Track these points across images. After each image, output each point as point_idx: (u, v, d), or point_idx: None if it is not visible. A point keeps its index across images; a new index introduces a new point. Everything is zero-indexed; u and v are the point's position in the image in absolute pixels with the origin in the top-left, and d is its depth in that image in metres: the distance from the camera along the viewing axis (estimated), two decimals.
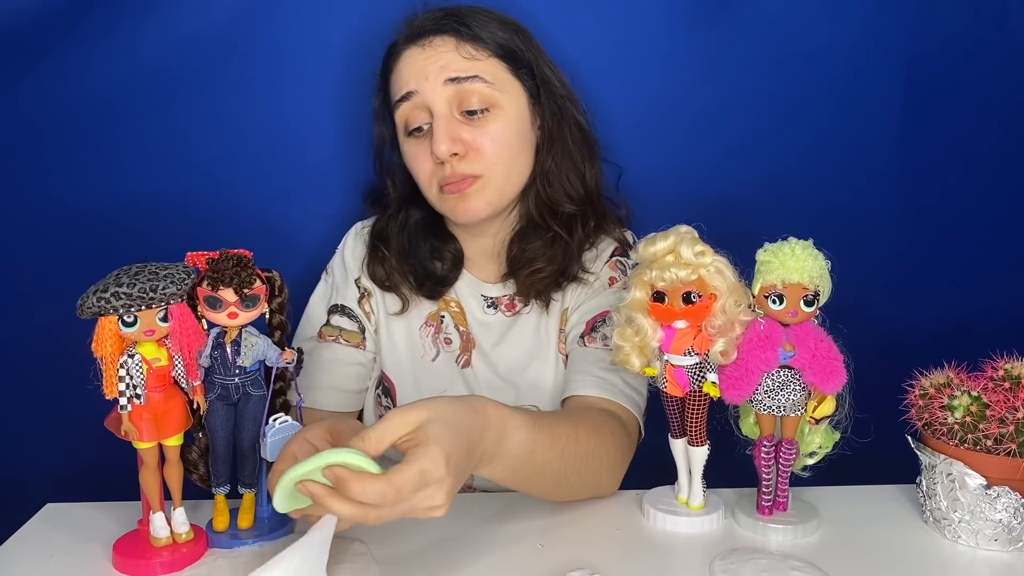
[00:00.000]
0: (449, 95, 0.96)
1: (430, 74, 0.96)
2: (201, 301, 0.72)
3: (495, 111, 0.97)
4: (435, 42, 0.97)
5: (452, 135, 0.95)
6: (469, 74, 0.95)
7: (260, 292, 0.74)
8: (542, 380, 1.03)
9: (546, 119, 1.02)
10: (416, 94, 0.97)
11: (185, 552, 0.74)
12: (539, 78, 1.00)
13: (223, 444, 0.77)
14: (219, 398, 0.76)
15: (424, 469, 0.63)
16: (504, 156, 0.98)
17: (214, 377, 0.75)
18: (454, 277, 1.07)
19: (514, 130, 0.99)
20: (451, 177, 0.97)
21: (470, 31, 0.97)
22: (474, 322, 1.06)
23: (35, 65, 1.12)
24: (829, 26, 1.18)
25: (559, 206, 1.02)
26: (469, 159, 0.97)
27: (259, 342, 0.75)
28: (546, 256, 1.02)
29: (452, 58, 0.96)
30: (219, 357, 0.74)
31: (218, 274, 0.72)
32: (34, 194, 1.15)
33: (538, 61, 1.01)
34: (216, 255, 0.74)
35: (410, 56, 0.98)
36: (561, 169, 1.02)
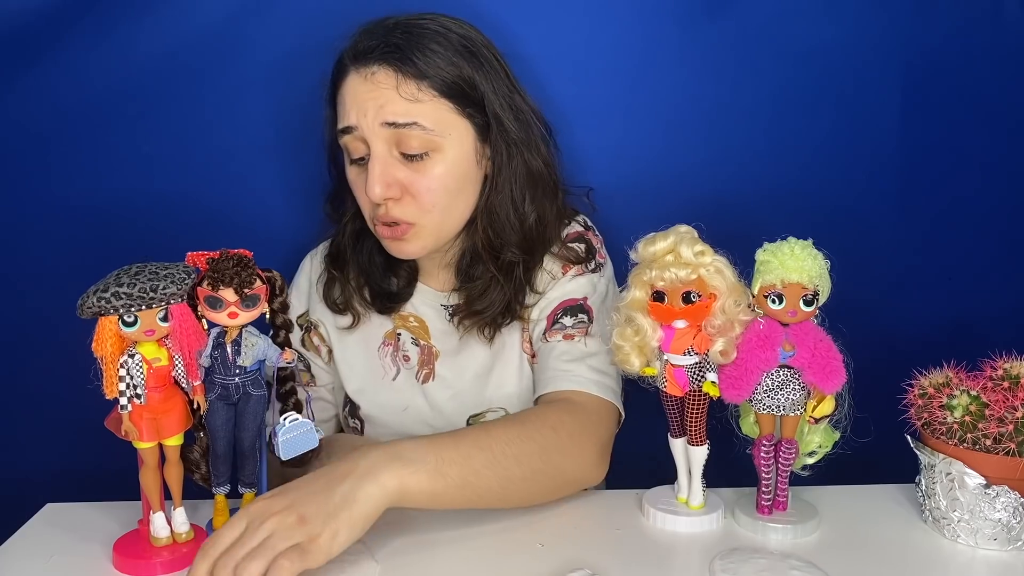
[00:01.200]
0: (387, 136, 0.92)
1: (368, 111, 0.91)
2: (201, 301, 0.72)
3: (435, 155, 0.93)
4: (377, 76, 0.91)
5: (387, 178, 0.92)
6: (408, 120, 0.90)
7: (260, 292, 0.74)
8: (506, 382, 1.02)
9: (494, 157, 0.97)
10: (356, 129, 0.93)
11: (185, 552, 0.74)
12: (489, 115, 0.95)
13: (223, 444, 0.77)
14: (219, 398, 0.75)
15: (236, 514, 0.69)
16: (440, 202, 0.94)
17: (214, 377, 0.75)
18: (408, 293, 1.06)
19: (454, 174, 0.94)
20: (385, 218, 0.94)
21: (414, 67, 0.91)
22: (437, 333, 1.05)
23: (34, 65, 1.12)
24: (828, 26, 1.18)
25: (499, 251, 0.98)
26: (404, 203, 0.94)
27: (259, 342, 0.75)
28: (483, 298, 0.99)
29: (391, 98, 0.90)
30: (219, 357, 0.74)
31: (218, 274, 0.72)
32: (34, 194, 1.15)
33: (490, 96, 0.95)
34: (216, 255, 0.73)
35: (352, 85, 0.93)
36: (503, 211, 0.98)
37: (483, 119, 0.96)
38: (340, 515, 0.68)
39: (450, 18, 0.96)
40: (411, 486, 0.73)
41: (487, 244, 0.99)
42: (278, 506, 0.68)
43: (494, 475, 0.78)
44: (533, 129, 0.99)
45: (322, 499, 0.69)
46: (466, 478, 0.76)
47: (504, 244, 0.99)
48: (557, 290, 1.00)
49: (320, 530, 0.67)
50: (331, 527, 0.67)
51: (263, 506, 0.69)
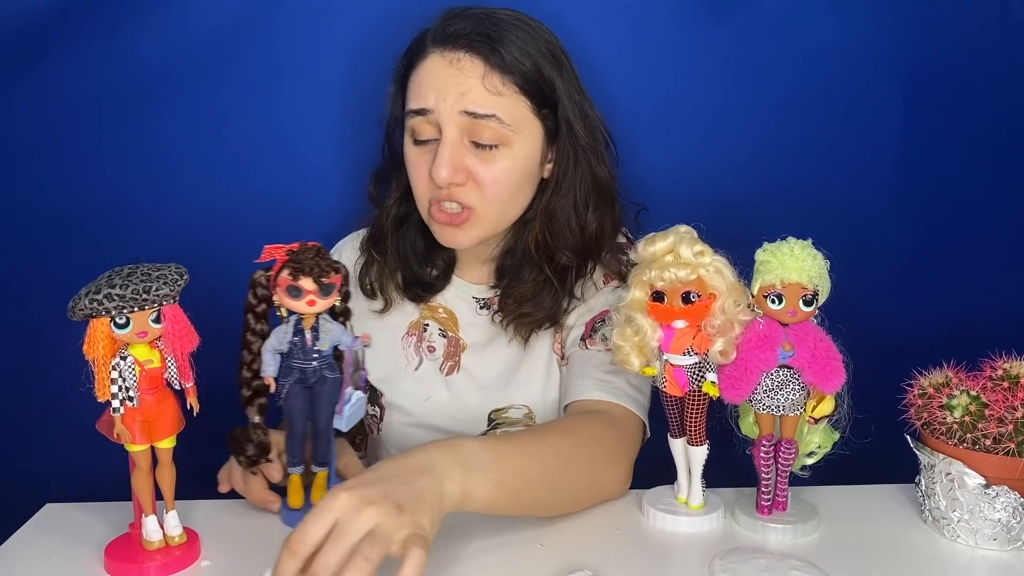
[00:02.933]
0: (462, 124, 0.92)
1: (449, 97, 0.92)
2: (282, 290, 0.75)
3: (505, 149, 0.94)
4: (463, 61, 0.92)
5: (456, 163, 0.93)
6: (487, 112, 0.92)
7: (336, 281, 0.76)
8: (532, 381, 1.03)
9: (560, 161, 0.99)
10: (431, 112, 0.93)
11: (178, 556, 0.74)
12: (561, 120, 0.97)
13: (301, 426, 0.80)
14: (297, 382, 0.79)
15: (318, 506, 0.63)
16: (502, 195, 0.96)
17: (292, 362, 0.78)
18: (442, 285, 1.06)
19: (520, 169, 0.96)
20: (444, 199, 0.95)
21: (501, 60, 0.92)
22: (466, 325, 1.05)
23: (35, 66, 1.12)
24: (830, 26, 1.18)
25: (556, 253, 0.99)
26: (467, 189, 0.94)
27: (334, 327, 0.79)
28: (534, 301, 1.00)
29: (474, 87, 0.92)
30: (299, 343, 0.78)
31: (299, 264, 0.74)
32: (34, 194, 1.15)
33: (564, 101, 0.96)
34: (296, 247, 0.76)
35: (434, 66, 0.94)
36: (564, 215, 0.99)
37: (554, 123, 0.97)
38: (433, 506, 0.66)
39: (530, 17, 0.98)
40: (474, 493, 0.72)
41: (543, 246, 1.00)
42: (373, 495, 0.63)
43: (544, 487, 0.79)
44: (599, 138, 1.01)
45: (414, 490, 0.66)
46: (521, 488, 0.77)
47: (559, 248, 1.00)
48: (599, 299, 1.01)
49: (420, 518, 0.64)
50: (428, 516, 0.65)
51: (354, 497, 0.63)
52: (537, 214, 1.00)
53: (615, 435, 0.89)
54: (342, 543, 0.61)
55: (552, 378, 1.03)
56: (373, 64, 1.14)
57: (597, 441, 0.86)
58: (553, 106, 0.96)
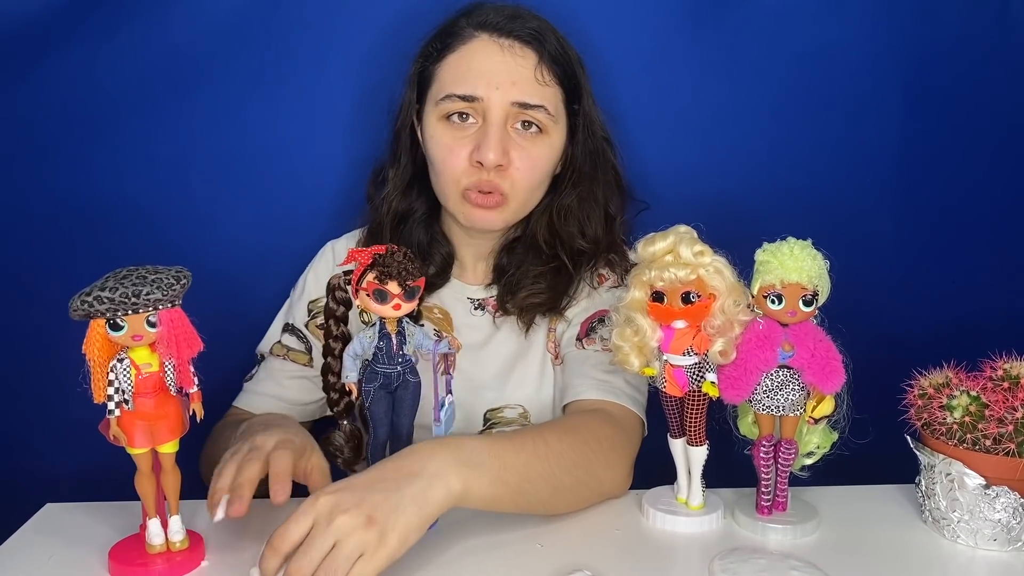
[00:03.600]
0: (511, 112, 0.94)
1: (502, 85, 0.93)
2: (370, 294, 0.75)
3: (543, 137, 0.97)
4: (515, 49, 0.94)
5: (503, 146, 0.94)
6: (537, 102, 0.94)
7: (420, 284, 0.77)
8: (527, 381, 1.03)
9: (576, 156, 1.01)
10: (479, 100, 0.93)
11: (180, 560, 0.74)
12: (584, 115, 1.00)
13: (384, 431, 0.80)
14: (381, 386, 0.79)
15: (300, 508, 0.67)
16: (533, 182, 0.98)
17: (376, 366, 0.78)
18: (440, 283, 1.06)
19: (550, 159, 0.99)
20: (483, 185, 0.95)
21: (551, 51, 0.95)
22: (460, 326, 1.05)
23: (36, 66, 1.12)
24: (830, 27, 1.18)
25: (572, 241, 1.02)
26: (507, 174, 0.96)
27: (417, 331, 0.80)
28: (546, 285, 1.01)
29: (527, 78, 0.94)
30: (384, 347, 0.78)
31: (387, 268, 0.74)
32: (36, 194, 1.15)
33: (587, 100, 1.01)
34: (383, 250, 0.76)
35: (484, 49, 0.94)
36: (582, 208, 1.02)
37: (575, 119, 1.01)
38: (410, 518, 0.68)
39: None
40: (474, 491, 0.73)
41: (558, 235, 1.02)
42: (347, 503, 0.66)
43: (546, 484, 0.80)
44: (610, 136, 1.06)
45: (393, 500, 0.68)
46: (522, 485, 0.77)
47: (572, 239, 1.02)
48: (594, 299, 1.02)
49: (389, 533, 0.66)
50: (400, 530, 0.67)
51: (331, 501, 0.67)
52: (547, 209, 1.02)
53: (615, 433, 0.89)
54: (312, 551, 0.65)
55: (546, 377, 1.03)
56: (373, 64, 1.14)
57: (597, 439, 0.86)
58: (579, 101, 1.00)
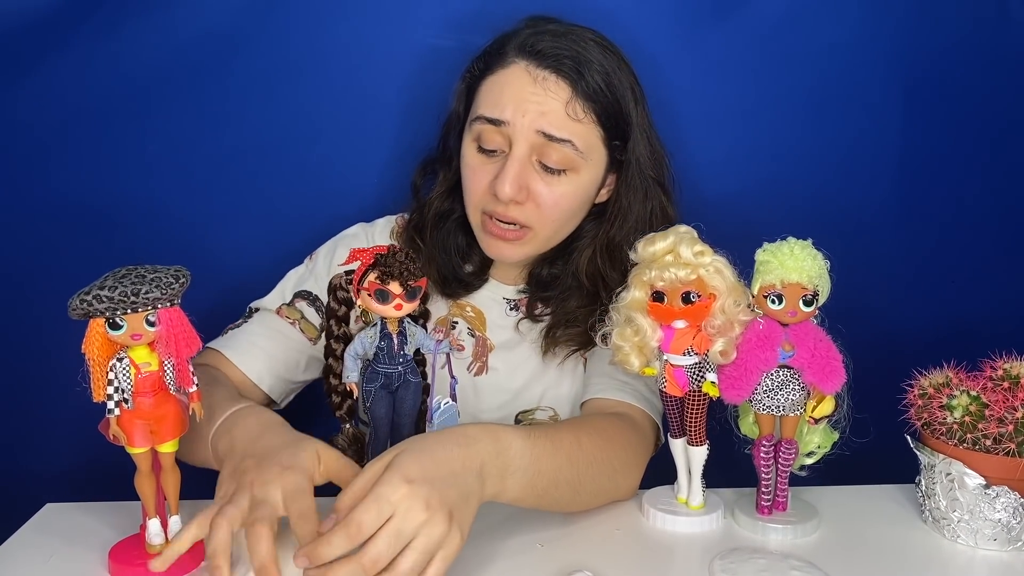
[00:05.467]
0: (535, 142, 0.92)
1: (528, 113, 0.90)
2: (371, 293, 0.75)
3: (570, 174, 0.93)
4: (548, 81, 0.91)
5: (521, 181, 0.92)
6: (564, 136, 0.91)
7: (422, 284, 0.77)
8: (560, 383, 1.03)
9: (622, 192, 0.98)
10: (506, 125, 0.92)
11: (180, 561, 0.73)
12: (630, 152, 0.96)
13: (385, 431, 0.80)
14: (382, 387, 0.79)
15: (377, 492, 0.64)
16: (559, 219, 0.96)
17: (377, 366, 0.78)
18: (478, 283, 1.05)
19: (580, 196, 0.96)
20: (500, 215, 0.94)
21: (587, 87, 0.91)
22: (494, 326, 1.04)
23: (37, 66, 1.12)
24: (830, 27, 1.18)
25: (611, 280, 0.98)
26: (525, 208, 0.94)
27: (418, 331, 0.80)
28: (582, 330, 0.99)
29: (556, 110, 0.91)
30: (385, 347, 0.78)
31: (389, 268, 0.74)
32: (36, 194, 1.15)
33: (636, 135, 0.96)
34: (385, 249, 0.76)
35: (516, 77, 0.92)
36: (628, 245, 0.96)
37: (621, 153, 0.97)
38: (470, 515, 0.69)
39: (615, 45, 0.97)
40: (506, 491, 0.74)
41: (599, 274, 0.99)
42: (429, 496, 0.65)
43: (570, 489, 0.80)
44: (664, 171, 1.00)
45: (463, 495, 0.68)
46: (548, 489, 0.77)
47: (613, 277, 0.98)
48: None
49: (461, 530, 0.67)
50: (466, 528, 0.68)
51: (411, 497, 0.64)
52: (595, 242, 0.99)
53: (638, 440, 0.90)
54: (397, 542, 0.63)
55: (578, 379, 1.03)
56: (374, 64, 1.14)
57: (623, 446, 0.87)
58: (625, 138, 0.96)
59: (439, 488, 0.66)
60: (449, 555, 0.66)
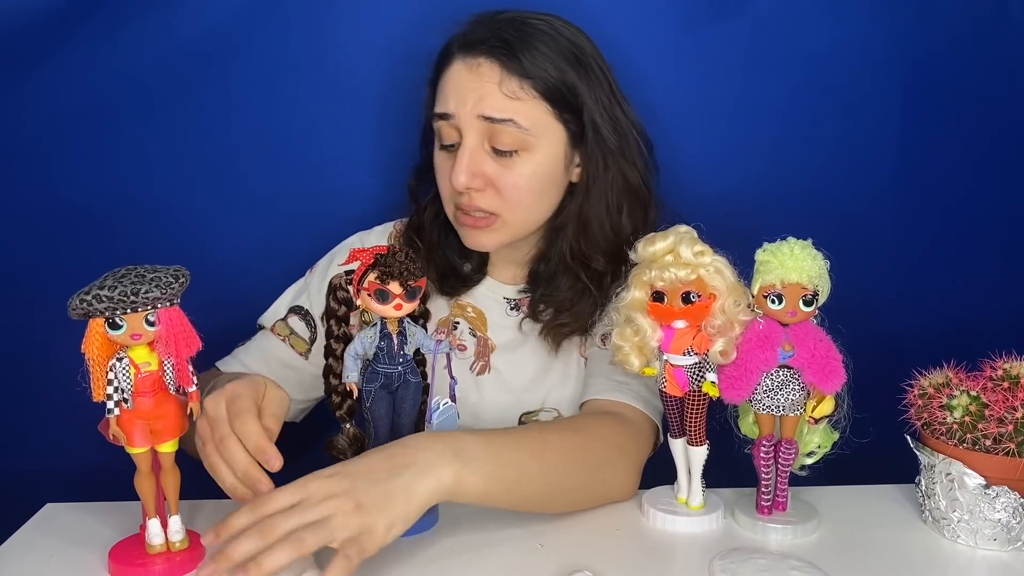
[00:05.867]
0: (481, 128, 0.93)
1: (468, 102, 0.92)
2: (371, 294, 0.75)
3: (525, 154, 0.94)
4: (482, 67, 0.92)
5: (474, 168, 0.93)
6: (504, 116, 0.92)
7: (422, 284, 0.77)
8: (563, 384, 1.02)
9: (588, 166, 0.98)
10: (453, 117, 0.94)
11: (179, 560, 0.73)
12: (587, 123, 0.96)
13: (384, 431, 0.80)
14: (382, 387, 0.79)
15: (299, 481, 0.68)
16: (524, 200, 0.96)
17: (377, 366, 0.78)
18: (477, 279, 1.06)
19: (541, 176, 0.95)
20: (467, 207, 0.95)
21: (519, 65, 0.91)
22: (495, 326, 1.04)
23: (37, 66, 1.12)
24: (830, 27, 1.18)
25: (591, 259, 0.99)
26: (488, 195, 0.94)
27: (417, 331, 0.80)
28: (573, 311, 0.99)
29: (491, 92, 0.92)
30: (385, 347, 0.78)
31: (389, 268, 0.74)
32: (37, 194, 1.15)
33: (590, 105, 0.95)
34: (384, 249, 0.76)
35: (456, 72, 0.94)
36: (597, 220, 0.99)
37: (578, 126, 0.96)
38: (397, 507, 0.68)
39: (563, 22, 0.97)
40: (466, 485, 0.73)
41: (579, 253, 0.99)
42: (338, 488, 0.67)
43: (543, 484, 0.80)
44: (631, 141, 1.00)
45: (382, 489, 0.68)
46: (518, 483, 0.77)
47: (593, 254, 0.99)
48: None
49: (376, 521, 0.67)
50: (387, 519, 0.67)
51: (322, 485, 0.67)
52: (570, 220, 0.99)
53: (624, 437, 0.89)
54: (295, 519, 0.65)
55: (580, 380, 1.02)
56: (374, 64, 1.14)
57: (603, 442, 0.86)
58: (577, 111, 0.96)
59: (351, 481, 0.68)
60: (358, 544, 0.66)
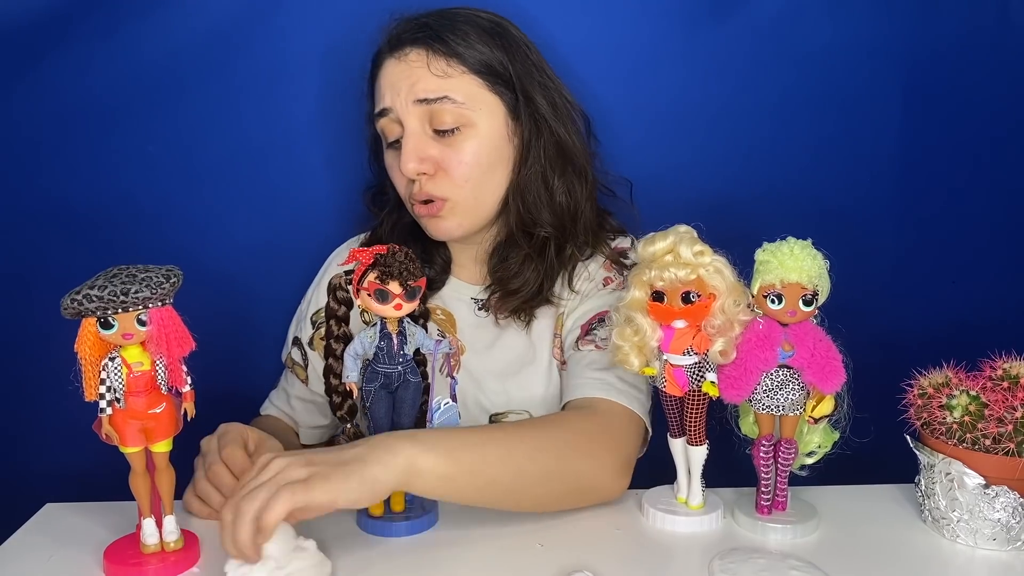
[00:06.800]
0: (420, 113, 0.96)
1: (402, 91, 0.96)
2: (371, 293, 0.75)
3: (467, 130, 0.96)
4: (410, 56, 0.96)
5: (420, 154, 0.95)
6: (438, 95, 0.94)
7: (422, 284, 0.77)
8: (533, 384, 1.02)
9: (522, 132, 1.00)
10: (391, 110, 0.97)
11: (174, 560, 0.74)
12: (519, 93, 0.98)
13: (385, 430, 0.80)
14: (382, 387, 0.79)
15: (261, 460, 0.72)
16: (473, 177, 0.97)
17: (377, 366, 0.79)
18: (441, 282, 1.07)
19: (486, 149, 0.97)
20: (420, 196, 0.97)
21: (444, 45, 0.95)
22: (465, 327, 1.05)
23: (34, 67, 1.12)
24: (829, 27, 1.18)
25: (532, 227, 1.01)
26: (437, 179, 0.97)
27: (417, 331, 0.80)
28: (521, 277, 1.01)
29: (422, 75, 0.95)
30: (385, 347, 0.78)
31: (389, 268, 0.74)
32: (33, 194, 1.15)
33: (521, 75, 0.98)
34: (384, 249, 0.76)
35: (387, 68, 0.98)
36: (533, 188, 1.00)
37: (512, 97, 0.99)
38: (345, 481, 0.68)
39: (480, 9, 1.01)
40: (422, 464, 0.72)
41: (519, 223, 1.01)
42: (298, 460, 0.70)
43: (506, 468, 0.78)
44: (562, 108, 1.02)
45: (333, 461, 0.70)
46: (478, 466, 0.76)
47: (535, 222, 1.01)
48: (596, 300, 1.01)
49: (319, 482, 0.67)
50: (331, 486, 0.67)
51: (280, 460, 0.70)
52: (511, 192, 1.01)
53: (594, 424, 0.87)
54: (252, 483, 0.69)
55: (552, 383, 1.02)
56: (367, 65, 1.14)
57: (570, 429, 0.86)
58: (508, 82, 0.98)
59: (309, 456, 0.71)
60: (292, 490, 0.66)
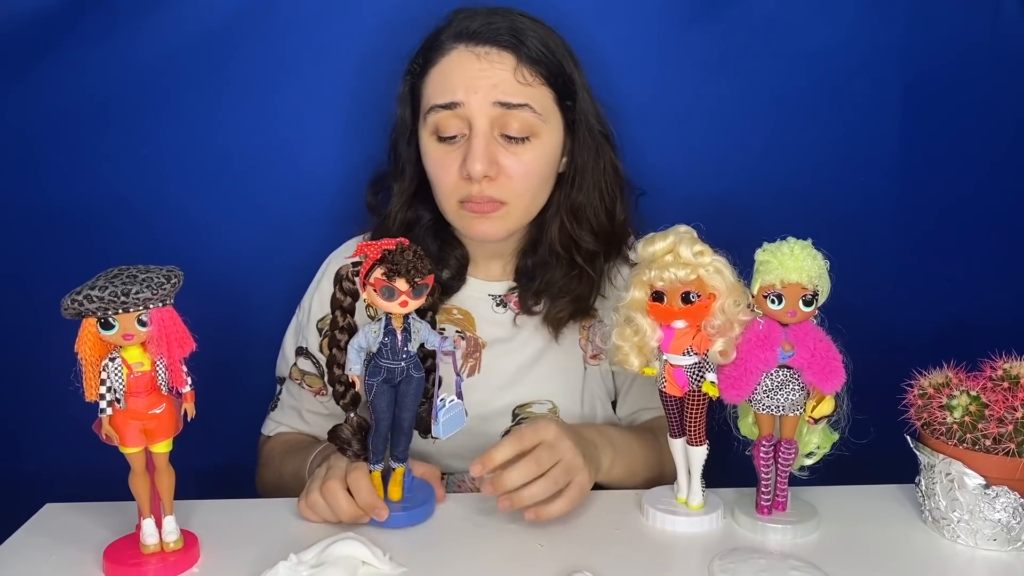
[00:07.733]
0: (494, 116, 0.94)
1: (481, 89, 0.93)
2: (377, 290, 0.74)
3: (534, 140, 0.96)
4: (492, 55, 0.94)
5: (490, 156, 0.94)
6: (520, 101, 0.94)
7: (429, 282, 0.77)
8: (555, 373, 1.03)
9: (576, 153, 1.01)
10: (461, 106, 0.94)
11: (174, 560, 0.74)
12: (579, 111, 0.99)
13: (386, 424, 0.81)
14: (384, 381, 0.79)
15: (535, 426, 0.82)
16: (532, 187, 0.97)
17: (380, 361, 0.79)
18: (458, 286, 1.06)
19: (546, 161, 0.98)
20: (476, 197, 0.95)
21: (529, 53, 0.95)
22: (484, 324, 1.05)
23: (30, 69, 1.12)
24: (827, 26, 1.18)
25: (582, 242, 1.02)
26: (499, 183, 0.95)
27: (423, 328, 0.80)
28: (572, 295, 1.01)
29: (506, 79, 0.94)
30: (389, 343, 0.78)
31: (396, 265, 0.74)
32: (32, 196, 1.15)
33: (582, 95, 1.00)
34: (392, 244, 0.76)
35: (461, 60, 0.95)
36: (590, 205, 1.01)
37: (571, 116, 1.00)
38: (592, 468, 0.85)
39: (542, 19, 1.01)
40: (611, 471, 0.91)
41: (570, 240, 1.02)
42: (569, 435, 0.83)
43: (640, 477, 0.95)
44: (610, 131, 1.05)
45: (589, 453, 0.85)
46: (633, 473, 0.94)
47: (585, 239, 1.02)
48: None
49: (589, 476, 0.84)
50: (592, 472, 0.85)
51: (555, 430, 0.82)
52: (559, 210, 1.01)
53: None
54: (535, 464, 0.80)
55: (575, 371, 1.03)
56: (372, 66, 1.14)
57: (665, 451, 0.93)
58: (572, 98, 0.99)
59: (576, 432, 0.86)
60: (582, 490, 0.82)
